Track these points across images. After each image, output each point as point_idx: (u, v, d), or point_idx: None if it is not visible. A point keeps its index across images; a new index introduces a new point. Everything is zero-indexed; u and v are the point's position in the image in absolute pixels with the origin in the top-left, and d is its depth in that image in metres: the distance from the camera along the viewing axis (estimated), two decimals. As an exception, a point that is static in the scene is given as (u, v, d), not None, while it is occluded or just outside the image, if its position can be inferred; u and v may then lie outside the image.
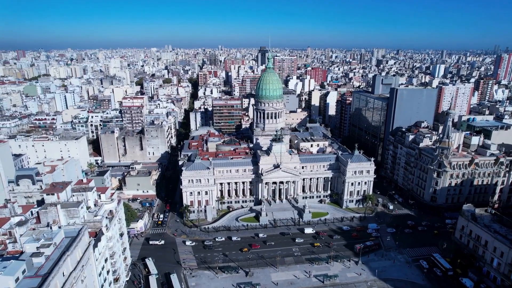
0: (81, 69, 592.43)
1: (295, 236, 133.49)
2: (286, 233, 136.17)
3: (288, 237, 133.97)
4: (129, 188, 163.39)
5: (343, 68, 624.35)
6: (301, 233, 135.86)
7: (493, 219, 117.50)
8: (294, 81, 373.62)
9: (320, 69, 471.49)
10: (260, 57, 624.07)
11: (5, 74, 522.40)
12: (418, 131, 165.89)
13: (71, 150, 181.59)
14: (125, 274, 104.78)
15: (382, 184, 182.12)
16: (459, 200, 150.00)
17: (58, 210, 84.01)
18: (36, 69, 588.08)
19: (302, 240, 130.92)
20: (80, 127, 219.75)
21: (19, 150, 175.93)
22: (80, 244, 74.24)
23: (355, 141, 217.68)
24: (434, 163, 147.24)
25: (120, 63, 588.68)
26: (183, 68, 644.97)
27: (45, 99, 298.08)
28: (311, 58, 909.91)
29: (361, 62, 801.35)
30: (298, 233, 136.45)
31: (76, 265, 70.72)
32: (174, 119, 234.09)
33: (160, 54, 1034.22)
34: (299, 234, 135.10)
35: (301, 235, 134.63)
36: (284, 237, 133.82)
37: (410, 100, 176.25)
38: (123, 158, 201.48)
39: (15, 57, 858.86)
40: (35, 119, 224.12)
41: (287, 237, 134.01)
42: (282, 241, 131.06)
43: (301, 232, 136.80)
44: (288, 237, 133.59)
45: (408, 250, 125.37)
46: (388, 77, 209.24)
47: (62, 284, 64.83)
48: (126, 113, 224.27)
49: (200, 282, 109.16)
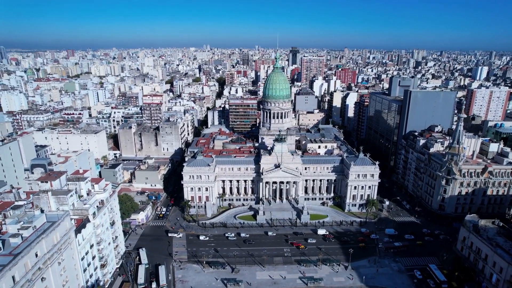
0: (119, 67, 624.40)
1: (308, 236, 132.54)
2: (299, 233, 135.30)
3: (301, 236, 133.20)
4: (138, 181, 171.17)
5: (376, 70, 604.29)
6: (313, 234, 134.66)
7: (499, 232, 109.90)
8: (319, 81, 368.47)
9: (349, 70, 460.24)
10: (291, 57, 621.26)
11: (52, 72, 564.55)
12: (431, 136, 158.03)
13: (90, 143, 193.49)
14: (116, 261, 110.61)
15: (392, 189, 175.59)
16: (470, 210, 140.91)
17: (49, 197, 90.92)
18: (79, 67, 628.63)
19: (315, 240, 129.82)
20: (103, 122, 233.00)
21: (45, 142, 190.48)
22: (59, 228, 79.88)
23: (370, 144, 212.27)
24: (443, 170, 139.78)
25: (153, 62, 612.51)
26: (215, 67, 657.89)
27: (79, 95, 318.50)
28: (346, 59, 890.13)
29: (398, 63, 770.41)
30: (311, 233, 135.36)
31: (52, 247, 76.41)
32: (192, 117, 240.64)
33: (197, 53, 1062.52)
34: (311, 235, 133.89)
35: (312, 235, 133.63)
36: (297, 237, 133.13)
37: (425, 103, 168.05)
38: (139, 152, 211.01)
39: (65, 56, 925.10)
40: (64, 113, 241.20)
41: (299, 236, 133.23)
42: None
43: (314, 233, 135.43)
44: (301, 237, 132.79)
45: (404, 259, 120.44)
46: (405, 79, 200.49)
47: (34, 264, 70.54)
48: (146, 110, 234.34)
49: (186, 274, 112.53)
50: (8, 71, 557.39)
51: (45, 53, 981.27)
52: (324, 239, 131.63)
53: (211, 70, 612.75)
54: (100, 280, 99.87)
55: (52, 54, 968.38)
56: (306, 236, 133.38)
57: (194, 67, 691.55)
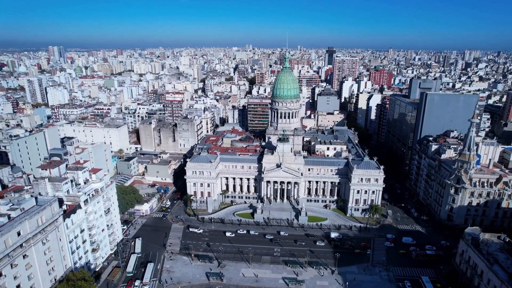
0: (160, 66, 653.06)
1: (318, 239, 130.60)
2: (310, 235, 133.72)
3: (312, 238, 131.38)
4: (149, 175, 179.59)
5: (417, 72, 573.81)
6: (326, 237, 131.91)
7: (503, 248, 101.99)
8: (349, 82, 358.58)
9: (385, 71, 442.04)
10: (327, 57, 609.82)
11: (98, 70, 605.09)
12: (445, 141, 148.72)
13: (112, 136, 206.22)
14: (110, 247, 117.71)
15: (404, 196, 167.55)
16: (482, 222, 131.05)
17: (46, 183, 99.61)
18: (123, 65, 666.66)
19: (323, 244, 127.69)
20: (129, 117, 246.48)
21: (73, 134, 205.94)
22: (45, 212, 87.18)
23: (388, 148, 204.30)
24: (452, 178, 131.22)
25: (189, 61, 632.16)
26: (251, 67, 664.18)
27: (114, 92, 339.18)
28: (389, 60, 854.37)
29: (444, 65, 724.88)
30: (321, 236, 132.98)
31: (36, 228, 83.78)
32: (212, 115, 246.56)
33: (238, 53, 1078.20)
34: (323, 238, 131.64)
35: (324, 239, 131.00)
36: (308, 239, 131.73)
37: (442, 106, 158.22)
38: (157, 147, 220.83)
39: (115, 55, 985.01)
40: (95, 108, 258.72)
41: (311, 238, 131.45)
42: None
43: (326, 236, 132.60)
44: (312, 239, 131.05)
45: (399, 269, 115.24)
46: (427, 81, 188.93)
47: (15, 242, 78.04)
48: (168, 107, 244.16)
49: (174, 265, 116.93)
50: (62, 69, 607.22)
51: (98, 52, 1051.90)
52: (335, 243, 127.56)
53: (247, 69, 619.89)
54: (91, 263, 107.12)
55: (103, 53, 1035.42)
56: (316, 239, 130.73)
57: (232, 66, 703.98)
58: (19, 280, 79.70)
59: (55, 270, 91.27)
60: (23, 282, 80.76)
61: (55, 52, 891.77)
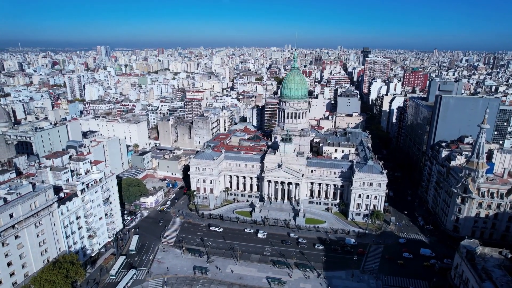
0: (195, 65, 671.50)
1: (333, 244, 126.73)
2: (324, 239, 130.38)
3: (327, 243, 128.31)
4: (161, 169, 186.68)
5: (460, 74, 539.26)
6: (341, 243, 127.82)
7: (502, 264, 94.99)
8: (378, 84, 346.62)
9: (420, 73, 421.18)
10: (362, 58, 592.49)
11: (136, 68, 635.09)
12: (457, 147, 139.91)
13: (132, 132, 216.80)
14: (108, 235, 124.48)
15: (414, 203, 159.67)
16: (491, 236, 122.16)
17: (47, 171, 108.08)
18: (161, 64, 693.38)
19: (322, 247, 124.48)
20: (151, 114, 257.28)
21: (97, 128, 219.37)
22: (38, 198, 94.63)
23: (404, 153, 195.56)
24: (458, 186, 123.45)
25: (221, 60, 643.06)
26: (284, 66, 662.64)
27: (145, 89, 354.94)
28: (432, 61, 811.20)
29: (493, 67, 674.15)
30: (336, 241, 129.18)
31: (28, 212, 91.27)
32: (230, 113, 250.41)
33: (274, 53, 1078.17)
34: (339, 244, 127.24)
35: (340, 244, 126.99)
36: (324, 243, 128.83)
37: (458, 110, 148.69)
38: (174, 143, 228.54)
39: (156, 54, 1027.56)
40: (121, 104, 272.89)
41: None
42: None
43: (342, 241, 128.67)
44: (327, 243, 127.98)
45: (390, 278, 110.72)
46: (447, 83, 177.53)
47: (7, 222, 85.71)
48: (188, 105, 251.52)
49: (165, 257, 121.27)
50: (105, 67, 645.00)
51: (141, 51, 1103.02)
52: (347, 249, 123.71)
53: (279, 69, 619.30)
54: (87, 249, 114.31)
55: (146, 52, 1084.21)
56: (332, 244, 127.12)
57: (266, 66, 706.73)
58: (10, 258, 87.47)
59: (48, 252, 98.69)
60: (14, 260, 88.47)
61: (102, 51, 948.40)
